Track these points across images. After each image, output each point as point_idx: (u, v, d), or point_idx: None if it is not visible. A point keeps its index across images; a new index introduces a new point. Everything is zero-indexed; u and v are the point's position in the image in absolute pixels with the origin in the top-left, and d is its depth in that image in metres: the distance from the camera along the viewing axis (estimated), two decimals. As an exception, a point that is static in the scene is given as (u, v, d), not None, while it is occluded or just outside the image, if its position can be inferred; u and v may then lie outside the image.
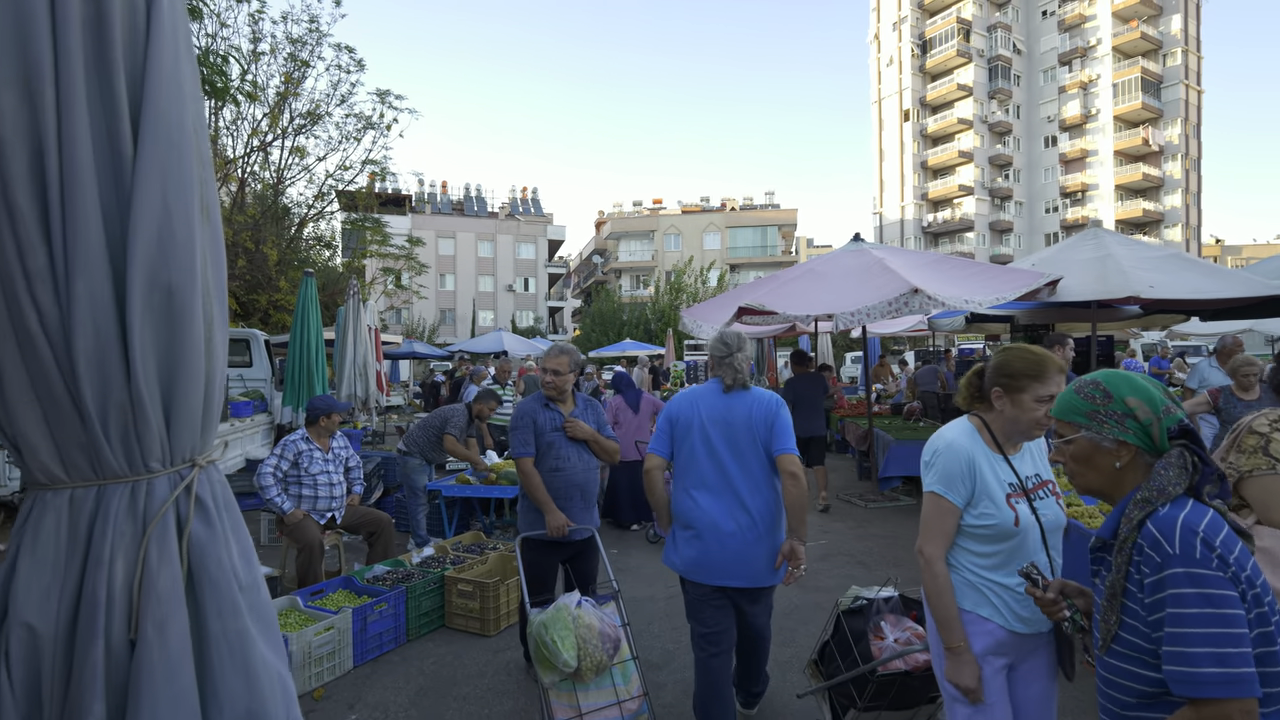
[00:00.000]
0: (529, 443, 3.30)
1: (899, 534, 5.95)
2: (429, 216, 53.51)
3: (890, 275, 5.87)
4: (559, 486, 3.31)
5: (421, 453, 5.58)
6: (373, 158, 18.88)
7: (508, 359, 7.46)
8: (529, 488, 3.27)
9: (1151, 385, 1.36)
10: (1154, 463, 1.31)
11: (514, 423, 3.37)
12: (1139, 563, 1.23)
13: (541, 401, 3.40)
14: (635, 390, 6.83)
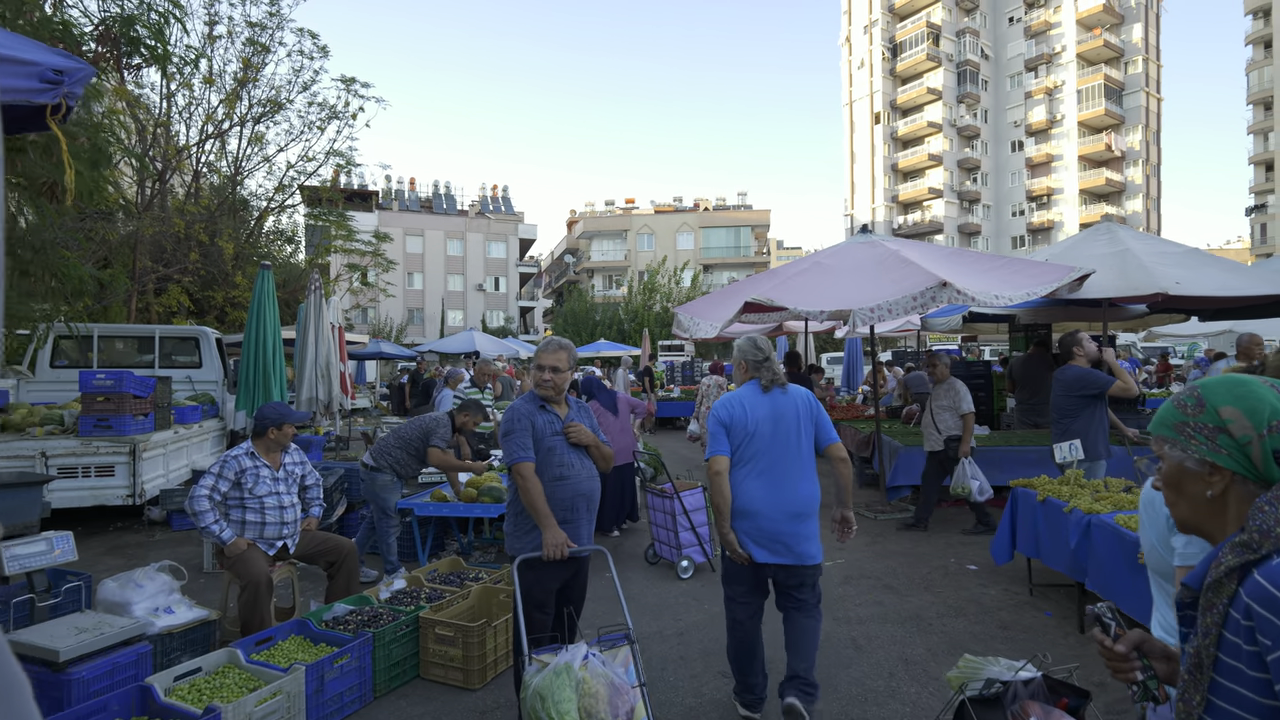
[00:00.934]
0: (528, 446, 2.82)
1: (919, 550, 5.46)
2: (396, 213, 52.22)
3: (911, 268, 5.38)
4: (564, 498, 2.87)
5: (393, 467, 4.85)
6: (337, 149, 17.95)
7: (486, 360, 6.78)
8: (530, 497, 2.76)
9: (1266, 393, 1.03)
10: (1259, 494, 1.00)
11: (508, 425, 2.88)
12: (1246, 629, 0.91)
13: (537, 403, 2.95)
14: (608, 391, 6.28)
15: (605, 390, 6.33)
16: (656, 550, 5.15)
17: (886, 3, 57.35)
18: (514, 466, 2.80)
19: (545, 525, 2.73)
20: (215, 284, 15.69)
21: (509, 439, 2.83)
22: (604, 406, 6.19)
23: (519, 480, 2.79)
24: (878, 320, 5.02)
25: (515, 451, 2.80)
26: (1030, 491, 4.27)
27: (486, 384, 6.77)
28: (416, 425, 4.95)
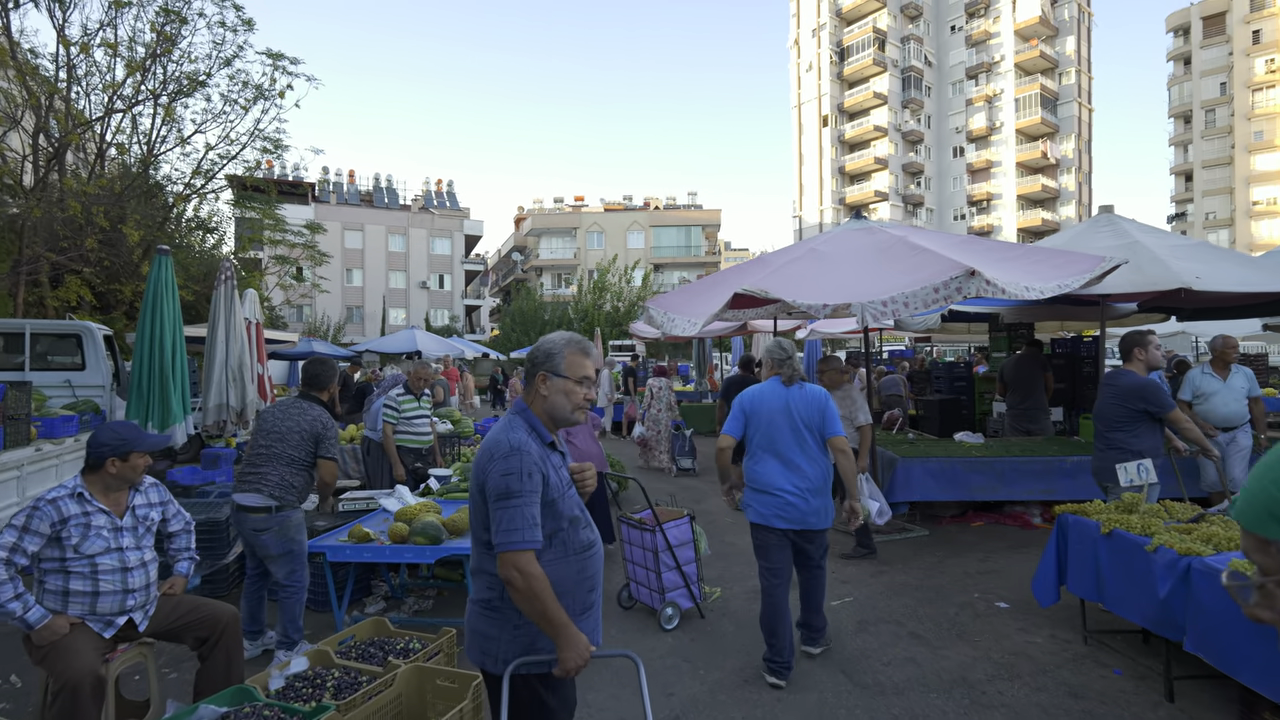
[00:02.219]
0: (537, 521, 1.76)
1: (934, 582, 4.73)
2: (334, 207, 49.85)
3: (927, 255, 4.65)
4: (591, 574, 1.93)
5: (299, 498, 3.72)
6: (263, 131, 16.34)
7: (423, 363, 5.73)
8: (539, 604, 1.73)
9: None
10: None
11: (508, 481, 1.75)
12: None
13: (543, 438, 1.89)
14: None
15: None
16: (633, 592, 4.25)
17: (834, 7, 57.93)
18: (509, 557, 1.73)
19: (564, 637, 1.75)
20: (122, 276, 14.01)
21: (509, 506, 1.74)
22: None
23: (517, 578, 1.72)
24: (892, 315, 4.26)
25: (518, 531, 1.72)
26: (1086, 521, 3.56)
27: (424, 390, 5.74)
28: (297, 433, 3.60)
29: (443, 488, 4.87)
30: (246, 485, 3.57)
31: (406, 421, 5.53)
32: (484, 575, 1.87)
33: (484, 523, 1.80)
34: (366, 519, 4.25)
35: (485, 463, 1.78)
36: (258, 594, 3.81)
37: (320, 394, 3.83)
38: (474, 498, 1.83)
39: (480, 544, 1.86)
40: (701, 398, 17.01)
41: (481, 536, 1.84)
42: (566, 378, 1.88)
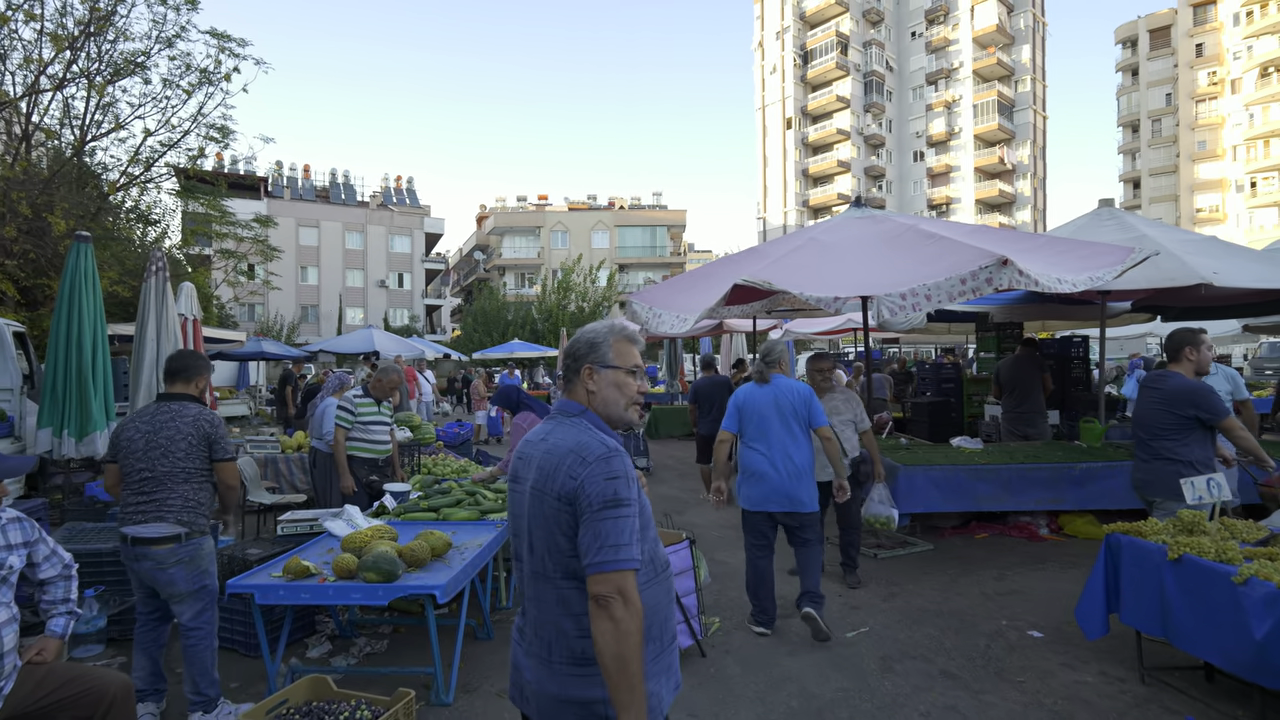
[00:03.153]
0: (638, 537, 1.45)
1: (953, 606, 4.27)
2: (288, 202, 48.15)
3: (947, 244, 4.20)
4: (668, 604, 1.62)
5: (208, 516, 3.13)
6: (207, 116, 15.25)
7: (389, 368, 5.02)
8: (628, 648, 1.34)
9: None
10: None
11: (615, 489, 1.43)
12: None
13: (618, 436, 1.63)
14: (539, 400, 4.85)
15: (535, 400, 4.84)
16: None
17: (798, 10, 58.27)
18: (614, 578, 1.37)
19: (637, 706, 1.33)
20: (50, 270, 12.87)
21: (619, 516, 1.40)
22: (542, 416, 4.71)
23: (618, 605, 1.36)
24: (912, 308, 3.80)
25: (627, 547, 1.39)
26: (1145, 544, 3.13)
27: (386, 399, 5.03)
28: (183, 441, 3.00)
29: (400, 507, 4.24)
30: (143, 515, 2.95)
31: (362, 428, 4.83)
32: (571, 619, 1.47)
33: (565, 544, 1.46)
34: (307, 548, 3.59)
35: (575, 467, 1.45)
36: (157, 641, 3.12)
37: (188, 388, 3.20)
38: (548, 514, 1.48)
39: (560, 575, 1.48)
40: (672, 399, 16.55)
41: (566, 563, 1.46)
42: (617, 368, 1.62)
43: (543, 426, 1.63)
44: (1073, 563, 5.10)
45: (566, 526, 1.45)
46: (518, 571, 1.60)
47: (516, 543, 1.60)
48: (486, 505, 4.24)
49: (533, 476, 1.52)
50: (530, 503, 1.51)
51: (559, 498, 1.45)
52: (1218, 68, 52.33)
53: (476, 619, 3.93)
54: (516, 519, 1.59)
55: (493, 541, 3.69)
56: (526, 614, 1.57)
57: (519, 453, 1.63)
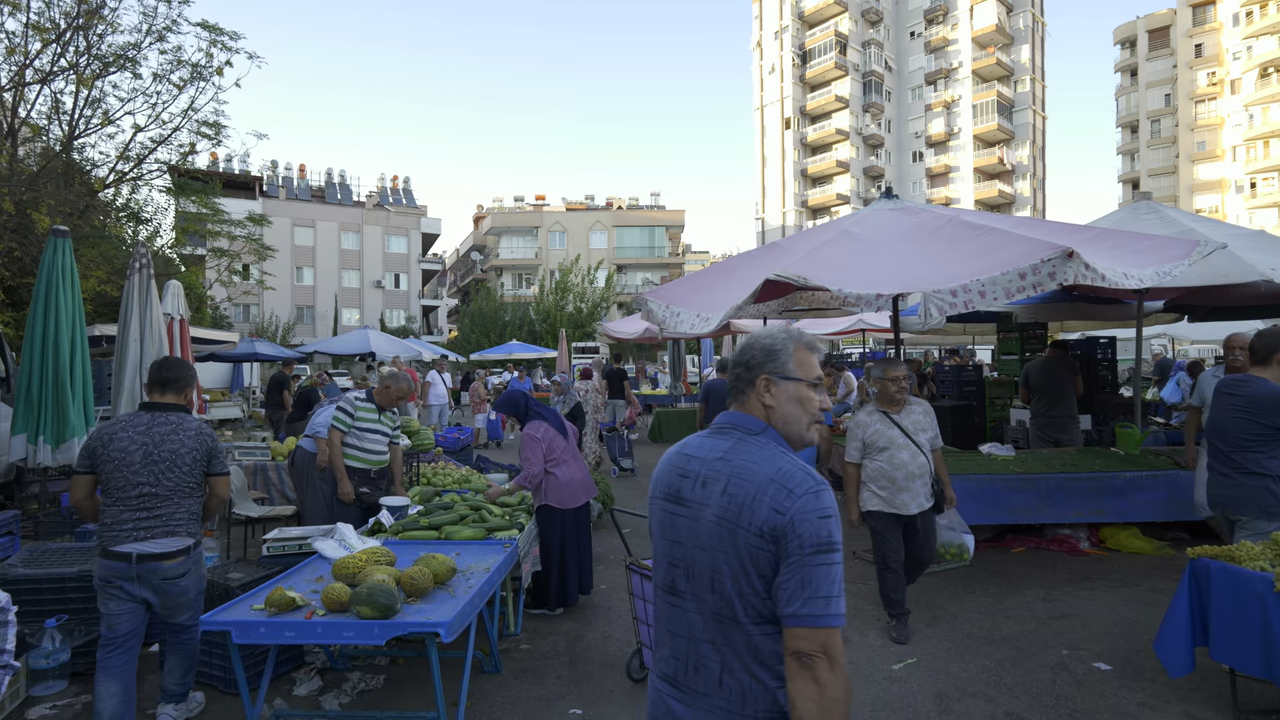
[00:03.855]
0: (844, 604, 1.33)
1: (1004, 631, 3.91)
2: (283, 202, 47.75)
3: (1002, 236, 3.85)
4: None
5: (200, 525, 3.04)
6: (198, 110, 14.85)
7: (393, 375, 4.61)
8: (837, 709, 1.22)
9: None
10: None
11: (830, 530, 1.29)
12: None
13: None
14: (552, 410, 4.50)
15: (547, 407, 4.48)
16: (646, 661, 3.33)
17: (796, 10, 58.01)
18: (823, 635, 1.23)
19: None
20: (35, 268, 12.44)
21: (832, 563, 1.26)
22: (556, 429, 4.33)
23: (824, 668, 1.22)
24: (964, 305, 3.44)
25: (837, 600, 1.25)
26: (1243, 572, 2.77)
27: (393, 408, 4.63)
28: (188, 455, 2.93)
29: (398, 524, 3.85)
30: (146, 532, 2.88)
31: (358, 434, 4.42)
32: (765, 668, 1.31)
33: (761, 587, 1.30)
34: (294, 573, 3.21)
35: (780, 499, 1.29)
36: (130, 664, 2.92)
37: (179, 399, 3.10)
38: (742, 551, 1.31)
39: (753, 619, 1.31)
40: (675, 401, 16.18)
41: (761, 606, 1.30)
42: (799, 380, 1.44)
43: (711, 441, 1.44)
44: (1122, 580, 4.74)
45: (766, 566, 1.28)
46: (669, 606, 1.41)
47: (671, 572, 1.41)
48: (493, 522, 3.86)
49: (716, 503, 1.34)
50: (713, 533, 1.33)
51: (760, 533, 1.27)
52: (1217, 68, 52.22)
53: (483, 649, 3.56)
54: (676, 545, 1.41)
55: (501, 564, 3.32)
56: (685, 658, 1.37)
57: (676, 467, 1.45)
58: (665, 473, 1.48)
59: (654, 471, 1.53)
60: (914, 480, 3.79)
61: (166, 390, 3.06)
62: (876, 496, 3.83)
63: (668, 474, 1.47)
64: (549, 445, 4.21)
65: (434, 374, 13.02)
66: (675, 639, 1.40)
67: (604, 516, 6.55)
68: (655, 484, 1.51)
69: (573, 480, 4.24)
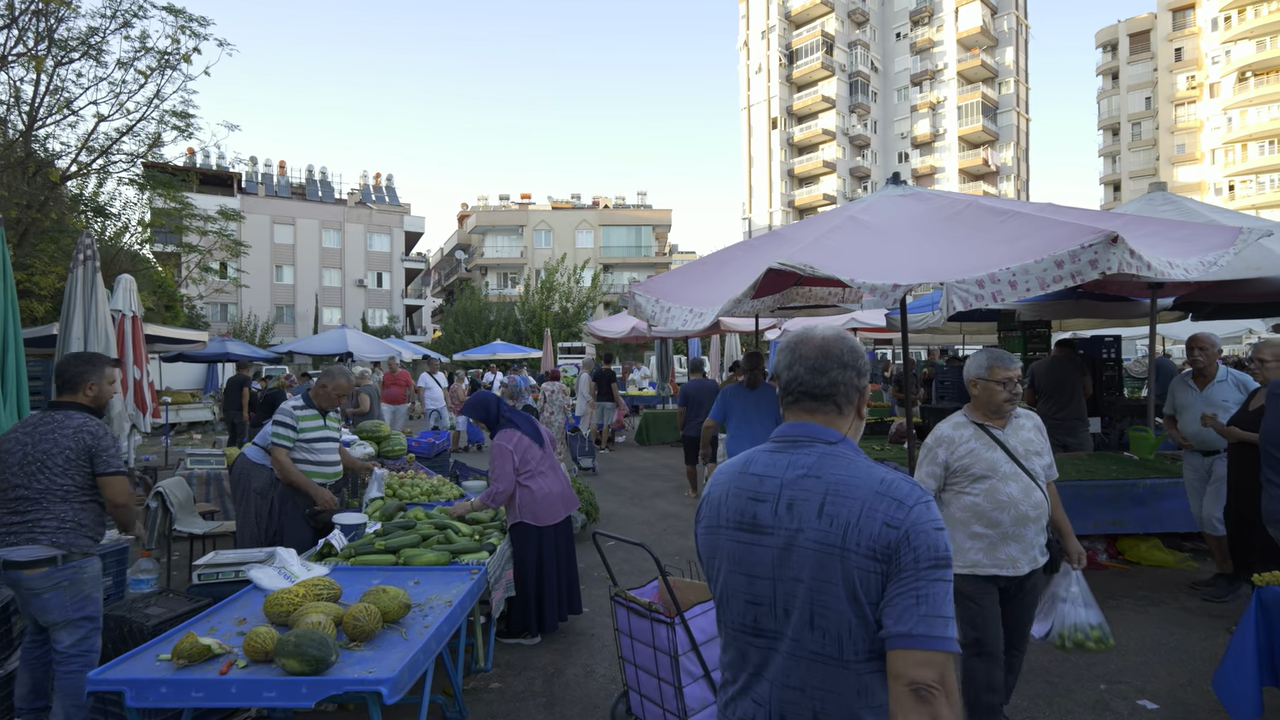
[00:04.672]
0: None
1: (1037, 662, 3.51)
2: (262, 199, 46.88)
3: (1032, 220, 3.46)
4: None
5: (96, 537, 2.84)
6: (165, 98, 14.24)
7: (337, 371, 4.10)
8: None
9: None
10: None
11: (945, 544, 1.17)
12: None
13: None
14: (525, 415, 4.06)
15: (520, 414, 4.01)
16: (634, 707, 2.88)
17: (783, 9, 57.91)
18: (938, 658, 1.09)
19: None
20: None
21: (946, 579, 1.14)
22: (530, 436, 3.89)
23: (939, 698, 1.08)
24: (991, 298, 3.05)
25: (952, 622, 1.13)
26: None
27: (347, 409, 4.16)
28: (60, 455, 2.72)
29: (351, 547, 3.38)
30: (14, 536, 2.70)
31: (306, 446, 3.92)
32: (873, 712, 1.18)
33: (870, 616, 1.15)
34: (221, 609, 2.73)
35: (892, 512, 1.15)
36: (43, 659, 2.86)
37: (75, 397, 2.90)
38: (849, 577, 1.16)
39: (862, 656, 1.17)
40: (662, 403, 15.76)
41: (870, 640, 1.16)
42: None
43: (784, 457, 1.29)
44: (1149, 598, 4.38)
45: (876, 592, 1.15)
46: (751, 649, 1.26)
47: (753, 611, 1.26)
48: (460, 544, 3.41)
49: (814, 527, 1.19)
50: (812, 562, 1.18)
51: (871, 554, 1.15)
52: (1196, 72, 52.75)
53: (445, 691, 3.11)
54: (758, 580, 1.25)
55: (467, 595, 2.88)
56: (768, 705, 1.23)
57: (745, 490, 1.29)
58: (730, 497, 1.30)
59: (709, 496, 1.35)
60: (1026, 525, 2.61)
61: (62, 389, 2.91)
62: (972, 548, 2.63)
63: (734, 499, 1.30)
64: (522, 456, 3.77)
65: (426, 377, 12.06)
66: (758, 684, 1.24)
67: (587, 529, 6.12)
68: (716, 511, 1.33)
69: (551, 493, 3.80)
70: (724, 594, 1.30)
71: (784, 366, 1.33)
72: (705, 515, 1.35)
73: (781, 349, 1.38)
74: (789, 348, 1.34)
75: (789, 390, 1.32)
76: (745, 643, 1.26)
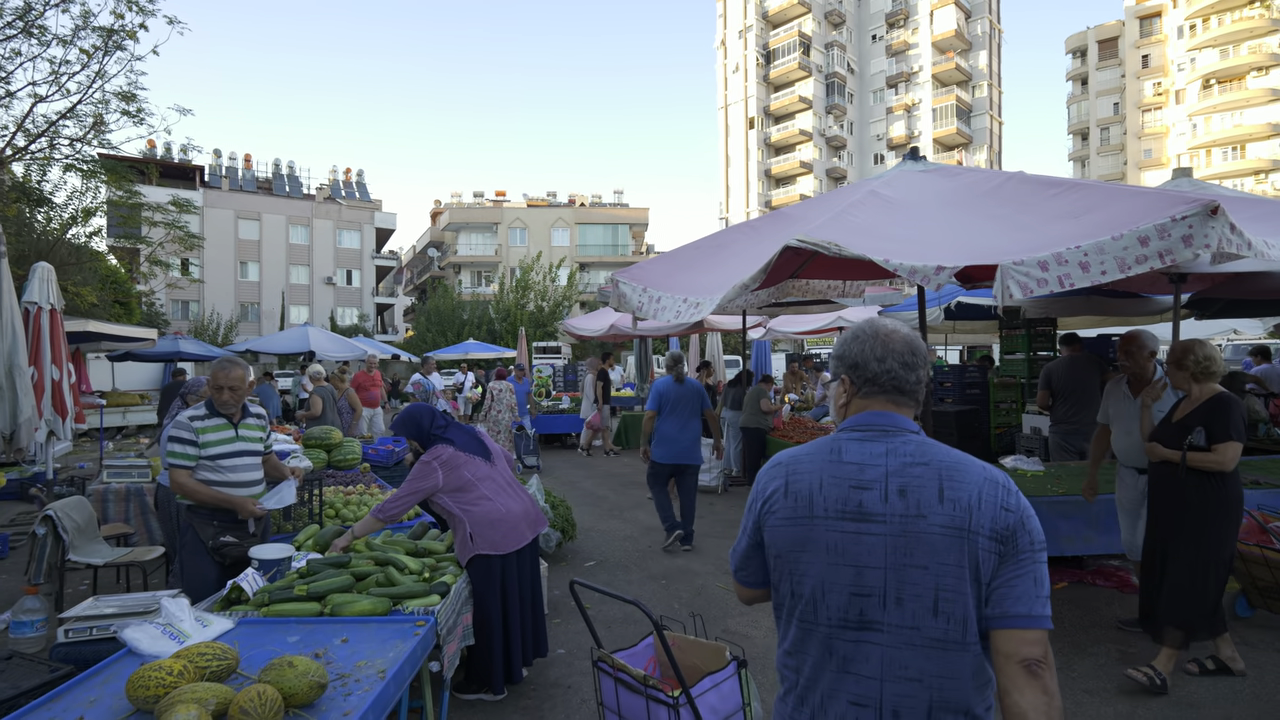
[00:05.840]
0: None
1: (1092, 715, 2.97)
2: (227, 193, 45.38)
3: (1103, 192, 2.92)
4: None
5: None
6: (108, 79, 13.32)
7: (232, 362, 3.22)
8: None
9: None
10: None
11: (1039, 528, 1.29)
12: None
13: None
14: (467, 429, 3.39)
15: (459, 426, 3.32)
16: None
17: (760, 9, 57.75)
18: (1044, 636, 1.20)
19: None
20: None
21: (1045, 561, 1.25)
22: (466, 449, 3.22)
23: (1052, 682, 1.18)
24: (1057, 281, 2.49)
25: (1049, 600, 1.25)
26: None
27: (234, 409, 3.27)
28: None
29: (266, 590, 2.69)
30: None
31: (211, 465, 3.15)
32: (979, 693, 1.22)
33: (983, 595, 1.20)
34: (77, 685, 2.05)
35: (1004, 497, 1.22)
36: None
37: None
38: (972, 560, 1.19)
39: (976, 637, 1.20)
40: (641, 404, 15.15)
41: (981, 620, 1.20)
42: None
43: (881, 445, 1.28)
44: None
45: (990, 572, 1.19)
46: (854, 645, 1.23)
47: (860, 604, 1.22)
48: (404, 585, 2.73)
49: (937, 510, 1.20)
50: (938, 546, 1.18)
51: (993, 536, 1.18)
52: (1163, 79, 53.70)
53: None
54: (868, 570, 1.22)
55: (408, 660, 2.22)
56: (876, 704, 1.20)
57: (845, 479, 1.27)
58: (825, 485, 1.28)
59: (789, 487, 1.30)
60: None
61: None
62: None
63: (833, 487, 1.27)
64: (456, 472, 3.09)
65: (419, 378, 10.69)
66: (862, 683, 1.22)
67: (563, 547, 5.48)
68: (807, 501, 1.28)
69: (510, 514, 3.14)
70: (818, 589, 1.26)
71: (874, 359, 1.31)
72: (784, 507, 1.31)
73: (859, 339, 1.35)
74: (877, 339, 1.33)
75: (877, 381, 1.32)
76: (837, 640, 1.24)
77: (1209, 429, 3.14)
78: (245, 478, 3.19)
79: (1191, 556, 3.20)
